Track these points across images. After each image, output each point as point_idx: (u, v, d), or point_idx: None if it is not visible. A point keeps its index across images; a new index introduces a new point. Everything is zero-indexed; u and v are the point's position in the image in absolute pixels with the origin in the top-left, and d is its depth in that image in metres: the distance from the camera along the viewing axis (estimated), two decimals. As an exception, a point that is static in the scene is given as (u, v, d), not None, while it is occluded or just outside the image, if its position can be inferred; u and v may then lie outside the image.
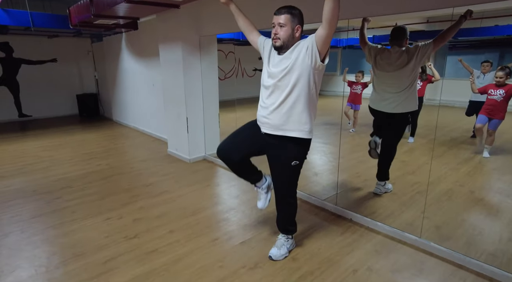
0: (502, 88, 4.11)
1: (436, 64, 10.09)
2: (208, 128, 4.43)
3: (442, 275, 2.02)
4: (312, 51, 1.80)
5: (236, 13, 2.15)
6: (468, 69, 4.92)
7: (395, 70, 2.76)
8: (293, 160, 1.99)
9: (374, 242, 2.41)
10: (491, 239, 2.44)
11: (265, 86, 1.99)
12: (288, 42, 1.87)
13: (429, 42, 2.61)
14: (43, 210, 2.98)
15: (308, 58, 1.82)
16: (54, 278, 2.03)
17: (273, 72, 1.92)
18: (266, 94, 1.98)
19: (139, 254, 2.28)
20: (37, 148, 5.14)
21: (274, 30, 1.88)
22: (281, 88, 1.90)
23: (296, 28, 1.86)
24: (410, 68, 2.68)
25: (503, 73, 4.08)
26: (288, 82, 1.87)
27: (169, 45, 4.17)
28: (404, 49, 2.72)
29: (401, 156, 4.57)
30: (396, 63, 2.74)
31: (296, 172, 2.08)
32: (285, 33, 1.85)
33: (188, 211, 2.94)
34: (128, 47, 6.10)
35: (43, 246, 2.39)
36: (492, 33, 8.18)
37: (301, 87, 1.86)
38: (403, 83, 2.75)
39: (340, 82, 10.50)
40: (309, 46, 1.80)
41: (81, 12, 4.34)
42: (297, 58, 1.84)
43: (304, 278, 2.00)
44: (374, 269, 2.10)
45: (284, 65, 1.88)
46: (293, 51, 1.86)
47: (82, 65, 8.22)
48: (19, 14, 4.87)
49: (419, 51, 2.63)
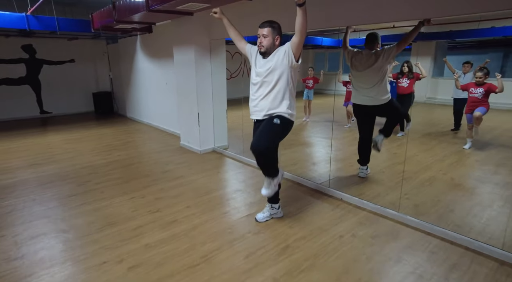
0: (481, 87, 4.50)
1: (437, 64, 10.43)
2: (217, 123, 4.89)
3: (412, 240, 2.45)
4: (288, 55, 2.32)
5: (228, 25, 2.69)
6: (451, 69, 5.33)
7: (365, 69, 3.22)
8: (275, 119, 2.41)
9: (360, 216, 2.84)
10: (460, 214, 2.86)
11: (254, 83, 2.51)
12: (270, 49, 2.40)
13: (393, 45, 3.07)
14: (76, 190, 3.47)
15: (286, 60, 2.33)
16: (95, 240, 2.50)
17: (260, 72, 2.43)
18: (255, 89, 2.49)
19: (162, 223, 2.75)
20: (61, 141, 5.66)
21: (259, 40, 2.40)
22: (267, 83, 2.41)
23: (276, 38, 2.39)
24: (378, 67, 3.14)
25: (482, 73, 4.47)
26: (272, 79, 2.38)
27: (183, 48, 4.63)
28: (374, 52, 3.16)
29: (393, 148, 4.99)
30: (366, 64, 3.20)
31: (275, 131, 2.41)
32: (267, 42, 2.37)
33: (201, 191, 3.40)
34: (142, 48, 6.59)
35: (82, 217, 2.87)
36: (489, 35, 8.50)
37: (282, 82, 2.38)
38: (373, 80, 3.21)
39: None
40: (286, 51, 2.32)
41: (104, 17, 4.83)
42: (277, 60, 2.35)
43: (299, 241, 2.45)
44: (357, 235, 2.53)
45: (268, 66, 2.39)
46: (275, 55, 2.38)
47: (97, 65, 8.75)
48: (47, 20, 5.38)
49: (384, 53, 3.08)
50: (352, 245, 2.39)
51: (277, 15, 2.85)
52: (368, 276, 2.05)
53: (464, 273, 2.06)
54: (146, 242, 2.45)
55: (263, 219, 2.72)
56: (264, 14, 3.23)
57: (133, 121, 7.53)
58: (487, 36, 8.67)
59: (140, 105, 7.29)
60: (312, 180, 3.57)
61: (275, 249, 2.35)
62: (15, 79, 7.55)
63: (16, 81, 7.57)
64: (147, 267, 2.15)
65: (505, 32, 7.87)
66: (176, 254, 2.30)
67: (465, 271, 2.08)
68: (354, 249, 2.35)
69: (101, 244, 2.44)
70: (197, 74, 4.52)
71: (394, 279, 2.02)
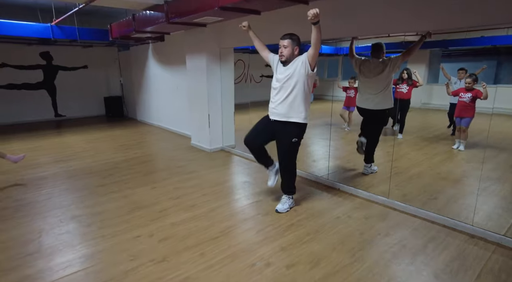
0: (470, 92, 4.94)
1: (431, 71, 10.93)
2: (225, 124, 5.33)
3: (399, 220, 2.87)
4: (305, 64, 2.72)
5: (253, 37, 3.09)
6: (446, 76, 5.77)
7: (373, 76, 3.63)
8: (293, 138, 2.87)
9: (355, 202, 3.26)
10: (442, 201, 3.27)
11: (274, 88, 2.90)
12: (289, 58, 2.79)
13: (398, 55, 3.49)
14: (103, 182, 3.89)
15: (303, 69, 2.73)
16: (127, 220, 2.91)
17: (280, 78, 2.83)
18: (275, 93, 2.89)
19: (183, 207, 3.16)
20: (80, 141, 6.09)
21: (280, 50, 2.80)
22: (285, 88, 2.80)
23: (295, 49, 2.78)
24: (385, 75, 3.55)
25: (471, 79, 4.92)
26: (290, 84, 2.77)
27: (196, 55, 5.10)
28: (381, 61, 3.59)
29: (389, 148, 5.42)
30: (374, 71, 3.61)
31: (295, 148, 2.95)
32: (287, 52, 2.77)
33: (213, 183, 3.83)
34: (154, 56, 7.06)
35: (112, 202, 3.29)
36: (479, 43, 9.00)
37: (299, 88, 2.77)
38: (380, 87, 3.61)
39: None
40: (303, 61, 2.72)
41: (123, 27, 5.31)
42: (295, 68, 2.75)
43: (302, 221, 2.87)
44: (352, 216, 2.95)
45: (287, 73, 2.78)
46: (293, 64, 2.77)
47: (109, 71, 9.22)
48: (69, 30, 5.86)
49: (391, 62, 3.50)
50: (348, 224, 2.81)
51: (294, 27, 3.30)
52: (360, 246, 2.47)
53: (440, 243, 2.47)
54: (171, 221, 2.87)
55: (284, 211, 3.04)
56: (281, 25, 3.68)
57: (143, 124, 7.98)
58: (477, 45, 9.17)
59: (151, 109, 7.74)
60: (313, 174, 3.99)
61: (282, 227, 2.76)
62: (33, 84, 8.01)
63: (33, 86, 8.03)
64: (175, 240, 2.57)
65: (493, 41, 8.35)
66: (198, 230, 2.71)
67: (440, 242, 2.50)
68: (349, 227, 2.77)
69: (133, 223, 2.86)
70: (208, 79, 4.97)
71: (382, 248, 2.43)
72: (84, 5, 4.27)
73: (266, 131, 3.01)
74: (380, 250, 2.41)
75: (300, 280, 2.08)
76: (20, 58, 7.70)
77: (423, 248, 2.42)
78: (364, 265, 2.23)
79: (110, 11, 7.11)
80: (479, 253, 2.35)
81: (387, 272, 2.15)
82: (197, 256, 2.34)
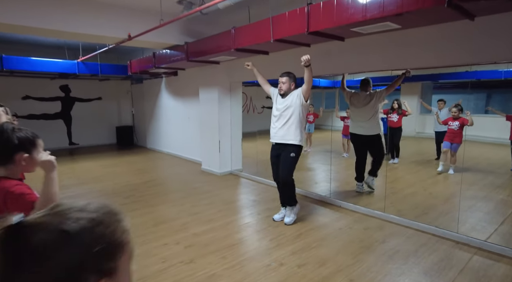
0: (457, 120, 5.48)
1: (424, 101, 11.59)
2: (233, 150, 5.80)
3: (394, 230, 3.25)
4: (300, 97, 3.29)
5: (257, 74, 3.69)
6: (427, 107, 6.38)
7: (362, 106, 4.18)
8: (291, 153, 3.33)
9: (355, 217, 3.65)
10: (432, 215, 3.66)
11: (274, 115, 3.46)
12: (287, 91, 3.37)
13: (383, 89, 4.07)
14: (125, 201, 4.28)
15: (298, 100, 3.29)
16: (153, 231, 3.29)
17: (279, 107, 3.40)
18: (275, 120, 3.44)
19: (202, 221, 3.54)
20: (97, 166, 6.51)
21: (279, 85, 3.38)
22: (284, 116, 3.34)
23: (291, 84, 3.37)
24: (372, 105, 4.11)
25: (456, 109, 5.47)
26: (288, 113, 3.32)
27: (208, 88, 5.68)
28: (368, 93, 4.16)
29: (385, 172, 5.85)
30: (363, 102, 4.17)
31: (293, 161, 3.36)
32: (286, 87, 3.35)
33: (226, 201, 4.22)
34: (167, 88, 7.69)
35: (136, 218, 3.67)
36: (464, 77, 9.72)
37: (295, 116, 3.31)
38: (368, 115, 4.16)
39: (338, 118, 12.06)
40: (298, 94, 3.30)
41: (143, 63, 5.94)
42: (292, 100, 3.31)
43: (309, 231, 3.25)
44: (353, 228, 3.34)
45: (285, 103, 3.35)
46: (290, 96, 3.35)
47: (121, 102, 9.84)
48: (92, 65, 6.50)
49: (377, 94, 4.08)
50: (349, 234, 3.19)
51: (296, 64, 3.88)
52: (361, 250, 2.84)
53: (429, 248, 2.85)
54: (193, 232, 3.25)
55: (292, 222, 3.42)
56: (284, 62, 4.27)
57: (154, 151, 8.44)
58: (462, 79, 9.90)
59: (161, 137, 8.24)
60: (316, 193, 4.40)
61: (292, 235, 3.15)
62: (51, 114, 8.57)
63: (52, 116, 8.59)
64: (199, 246, 2.94)
65: (477, 76, 9.07)
66: (218, 239, 3.09)
67: (430, 247, 2.88)
68: (350, 235, 3.15)
69: (159, 233, 3.23)
70: (219, 109, 5.51)
71: (379, 252, 2.81)
72: (114, 45, 4.90)
73: (278, 162, 3.47)
74: (377, 253, 2.78)
75: (310, 276, 2.45)
76: (42, 91, 8.32)
77: (414, 252, 2.79)
78: (364, 265, 2.60)
79: (127, 49, 7.84)
80: (462, 255, 2.73)
81: (384, 270, 2.52)
82: (219, 259, 2.71)
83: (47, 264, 0.43)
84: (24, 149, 1.48)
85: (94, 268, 0.47)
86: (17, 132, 1.47)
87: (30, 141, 1.51)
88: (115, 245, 0.51)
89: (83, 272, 0.46)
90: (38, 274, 0.43)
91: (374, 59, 3.45)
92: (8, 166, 1.45)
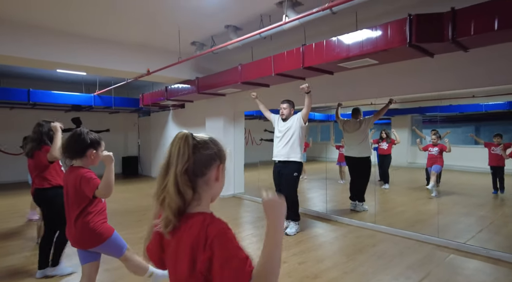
0: (436, 146, 6.04)
1: (414, 134, 12.24)
2: (236, 175, 6.25)
3: (383, 238, 3.65)
4: (299, 120, 3.83)
5: (259, 103, 4.27)
6: (421, 135, 6.95)
7: (353, 131, 4.76)
8: (294, 172, 3.80)
9: (349, 228, 4.05)
10: (419, 226, 4.07)
11: (277, 136, 3.98)
12: (288, 116, 3.93)
13: (371, 116, 4.66)
14: (139, 218, 4.65)
15: (298, 123, 3.84)
16: (168, 240, 3.65)
17: (281, 129, 3.93)
18: (278, 140, 3.96)
19: (211, 232, 3.92)
20: (106, 191, 6.87)
21: (281, 111, 3.95)
22: (286, 136, 3.87)
23: (291, 109, 3.94)
24: (362, 130, 4.69)
25: (435, 136, 6.05)
26: (289, 134, 3.85)
27: (214, 118, 6.27)
28: (358, 120, 4.76)
29: (379, 195, 6.28)
30: (353, 128, 4.76)
31: (296, 181, 3.84)
32: (287, 112, 3.92)
33: (232, 217, 4.62)
34: (173, 120, 8.29)
35: (152, 230, 4.03)
36: (448, 111, 10.46)
37: (296, 135, 3.83)
38: (359, 139, 4.72)
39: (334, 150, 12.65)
40: (298, 118, 3.85)
41: (155, 96, 6.57)
42: (292, 123, 3.86)
43: (308, 239, 3.64)
44: (347, 236, 3.73)
45: (286, 126, 3.89)
46: (291, 119, 3.90)
47: (128, 134, 10.40)
48: (107, 99, 7.13)
49: (365, 121, 4.68)
50: (343, 240, 3.59)
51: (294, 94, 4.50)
52: (354, 252, 3.23)
53: (413, 250, 3.26)
54: (204, 240, 3.61)
55: (293, 233, 3.81)
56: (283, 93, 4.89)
57: (158, 180, 8.82)
58: (447, 112, 10.64)
59: (166, 166, 8.66)
60: (314, 210, 4.81)
61: (293, 242, 3.54)
62: (62, 144, 9.05)
63: (62, 146, 9.06)
64: (210, 250, 3.31)
65: (460, 109, 9.82)
66: (227, 244, 3.46)
67: (414, 249, 3.28)
68: (345, 242, 3.55)
69: (173, 242, 3.60)
70: (224, 137, 6.05)
71: (370, 253, 3.20)
72: (131, 80, 5.55)
73: (279, 181, 3.94)
74: (368, 254, 3.18)
75: (310, 270, 2.83)
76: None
77: (400, 253, 3.19)
78: (356, 262, 2.99)
79: (137, 83, 8.56)
80: (441, 254, 3.14)
81: (373, 266, 2.91)
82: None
83: (205, 149, 0.99)
84: (93, 147, 2.00)
85: (218, 156, 1.01)
86: (89, 135, 2.00)
87: (97, 141, 2.04)
88: (222, 151, 1.03)
89: (215, 156, 1.00)
90: (203, 154, 0.98)
91: (359, 90, 4.09)
92: (83, 159, 1.96)
